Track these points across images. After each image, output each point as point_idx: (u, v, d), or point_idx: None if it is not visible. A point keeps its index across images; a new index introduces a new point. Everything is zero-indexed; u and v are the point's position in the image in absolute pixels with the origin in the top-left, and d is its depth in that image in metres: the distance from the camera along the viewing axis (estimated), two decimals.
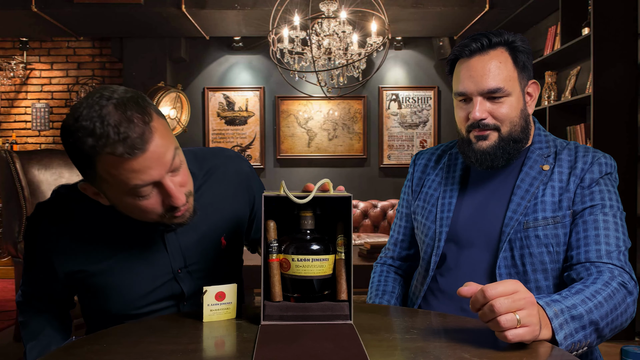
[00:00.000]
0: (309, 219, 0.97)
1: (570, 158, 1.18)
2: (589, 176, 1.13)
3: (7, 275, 4.83)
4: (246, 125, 5.46)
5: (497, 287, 0.81)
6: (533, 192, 1.15)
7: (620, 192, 1.17)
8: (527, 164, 1.19)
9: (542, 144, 1.21)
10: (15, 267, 2.94)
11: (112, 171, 0.89)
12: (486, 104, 1.15)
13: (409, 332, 0.90)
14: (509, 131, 1.16)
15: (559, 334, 0.88)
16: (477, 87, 1.14)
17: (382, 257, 1.44)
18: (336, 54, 3.69)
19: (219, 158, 1.20)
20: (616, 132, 3.16)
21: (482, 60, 1.14)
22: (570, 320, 0.91)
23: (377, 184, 5.44)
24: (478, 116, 1.14)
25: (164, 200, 0.95)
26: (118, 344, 0.86)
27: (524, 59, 1.17)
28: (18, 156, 2.88)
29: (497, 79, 1.13)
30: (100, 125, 0.86)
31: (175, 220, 1.01)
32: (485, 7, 4.29)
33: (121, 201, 0.95)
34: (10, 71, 5.44)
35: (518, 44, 1.16)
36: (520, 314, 0.80)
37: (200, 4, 4.30)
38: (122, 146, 0.86)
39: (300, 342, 0.83)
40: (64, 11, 4.32)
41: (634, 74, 3.17)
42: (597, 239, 1.07)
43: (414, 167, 1.40)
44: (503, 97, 1.14)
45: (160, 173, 0.92)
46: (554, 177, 1.16)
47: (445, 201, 1.26)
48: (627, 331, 3.07)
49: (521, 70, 1.17)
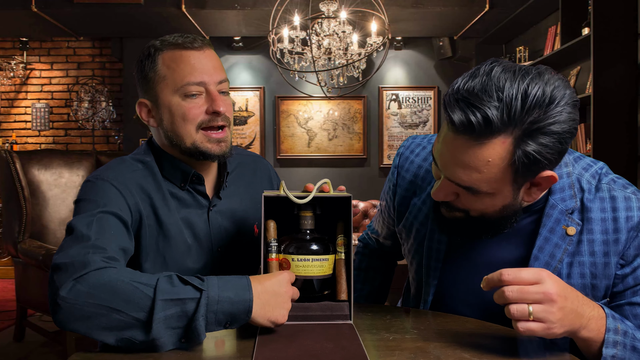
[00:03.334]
0: (309, 219, 0.97)
1: (605, 216, 0.88)
2: (633, 252, 0.87)
3: (7, 275, 4.83)
4: (246, 125, 5.46)
5: (519, 273, 0.74)
6: (555, 266, 0.90)
7: None
8: (547, 224, 0.90)
9: (565, 192, 0.90)
10: (15, 267, 2.94)
11: (172, 64, 1.04)
12: (454, 189, 0.86)
13: (409, 332, 0.90)
14: (479, 218, 0.89)
15: (608, 348, 0.79)
16: (446, 171, 0.85)
17: (365, 238, 1.34)
18: (336, 54, 3.69)
19: (249, 155, 1.29)
20: (616, 132, 3.15)
21: (466, 149, 0.79)
22: (630, 349, 0.80)
23: (377, 184, 5.44)
24: (438, 197, 0.88)
25: (207, 108, 1.05)
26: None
27: (538, 149, 0.77)
28: (18, 156, 2.88)
29: (473, 179, 0.81)
30: (169, 36, 1.07)
31: (210, 145, 1.06)
32: (485, 7, 4.29)
33: (170, 104, 1.05)
34: (10, 71, 5.44)
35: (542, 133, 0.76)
36: (535, 307, 0.73)
37: (200, 4, 4.30)
38: (182, 39, 1.05)
39: (300, 342, 0.83)
40: (64, 11, 4.32)
41: (634, 74, 3.17)
42: None
43: (397, 179, 1.11)
44: (479, 193, 0.83)
45: (210, 78, 1.05)
46: (582, 248, 0.89)
47: (433, 246, 1.01)
48: None
49: (524, 167, 0.79)
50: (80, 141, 5.60)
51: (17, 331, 3.00)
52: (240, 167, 1.23)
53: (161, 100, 1.06)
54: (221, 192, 1.15)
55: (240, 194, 1.19)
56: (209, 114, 1.05)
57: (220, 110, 1.04)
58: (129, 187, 1.03)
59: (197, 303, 0.79)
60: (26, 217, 2.82)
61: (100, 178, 1.03)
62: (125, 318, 0.78)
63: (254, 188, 1.23)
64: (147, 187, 1.07)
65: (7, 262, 4.86)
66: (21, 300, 2.92)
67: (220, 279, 0.84)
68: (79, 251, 0.86)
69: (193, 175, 1.10)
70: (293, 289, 0.89)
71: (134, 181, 1.05)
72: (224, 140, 1.07)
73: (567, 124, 0.77)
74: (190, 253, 1.10)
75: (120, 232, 0.97)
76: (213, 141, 1.06)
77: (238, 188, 1.20)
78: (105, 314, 0.78)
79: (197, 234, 1.11)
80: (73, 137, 5.60)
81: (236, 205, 1.17)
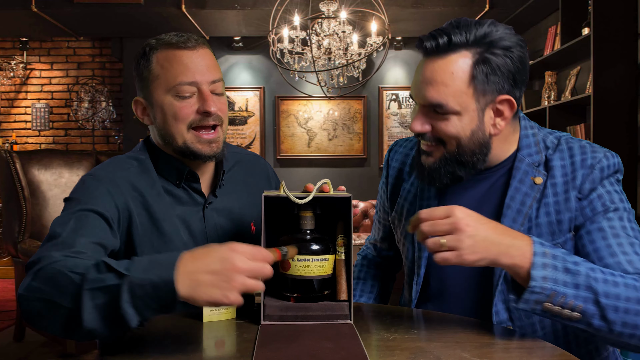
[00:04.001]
0: (309, 219, 0.97)
1: (564, 163, 1.00)
2: (588, 185, 0.98)
3: (7, 275, 4.83)
4: (246, 125, 5.46)
5: (432, 210, 0.84)
6: (526, 212, 0.99)
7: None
8: (516, 176, 1.01)
9: (532, 148, 1.03)
10: (15, 267, 2.94)
11: (165, 64, 1.04)
12: (428, 116, 0.99)
13: (409, 332, 0.90)
14: (454, 151, 0.99)
15: (537, 270, 0.82)
16: (419, 96, 0.98)
17: (364, 250, 1.38)
18: (336, 54, 3.69)
19: (248, 154, 1.31)
20: (616, 132, 3.15)
21: (434, 66, 0.95)
22: (562, 270, 0.83)
23: (377, 184, 5.44)
24: (417, 129, 0.99)
25: (199, 107, 1.05)
26: (118, 344, 0.86)
27: (493, 66, 0.94)
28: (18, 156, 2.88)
29: (442, 93, 0.94)
30: (165, 35, 1.07)
31: (201, 146, 1.06)
32: (485, 7, 4.29)
33: (163, 103, 1.05)
34: (10, 71, 5.44)
35: (495, 44, 0.94)
36: (447, 237, 0.82)
37: (200, 4, 4.30)
38: (177, 39, 1.04)
39: (300, 342, 0.83)
40: (64, 11, 4.32)
41: (634, 74, 3.17)
42: (611, 249, 0.92)
43: (388, 170, 1.24)
44: (448, 114, 0.96)
45: (203, 78, 1.04)
46: (547, 191, 0.99)
47: None
48: None
49: (483, 82, 0.94)
50: (80, 141, 5.59)
51: (17, 331, 3.00)
52: (238, 166, 1.24)
53: (155, 99, 1.07)
54: (217, 190, 1.16)
55: (237, 193, 1.20)
56: (200, 113, 1.05)
57: (211, 110, 1.04)
58: (119, 185, 1.04)
59: (119, 290, 0.74)
60: (26, 217, 2.82)
61: (91, 176, 1.05)
62: (63, 311, 0.76)
63: (251, 187, 1.23)
64: (139, 184, 1.07)
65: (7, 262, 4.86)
66: None
67: (151, 260, 0.78)
68: (44, 249, 0.86)
69: (188, 173, 1.11)
70: (247, 264, 0.76)
71: (125, 179, 1.06)
72: (215, 141, 1.08)
73: (515, 48, 0.95)
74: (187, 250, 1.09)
75: (98, 228, 0.95)
76: (204, 142, 1.07)
77: (235, 186, 1.20)
78: (51, 308, 0.77)
79: (193, 231, 1.11)
80: (73, 137, 5.60)
81: (233, 203, 1.18)
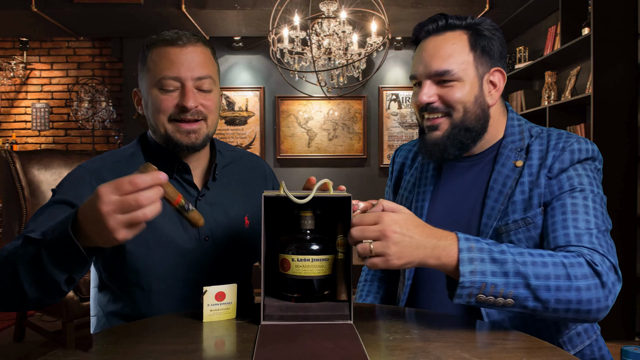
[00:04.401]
0: (309, 219, 0.97)
1: (541, 148, 1.07)
2: (558, 165, 1.04)
3: None
4: (246, 125, 5.46)
5: (363, 216, 0.87)
6: (507, 192, 1.06)
7: (620, 192, 1.13)
8: (500, 160, 1.10)
9: (515, 136, 1.11)
10: None
11: (155, 59, 1.09)
12: (434, 88, 1.08)
13: (409, 332, 0.90)
14: (461, 118, 1.07)
15: (464, 265, 0.86)
16: (425, 69, 1.08)
17: None
18: (336, 54, 3.69)
19: (246, 153, 1.35)
20: (616, 132, 3.15)
21: (436, 41, 1.08)
22: (489, 261, 0.87)
23: (377, 184, 5.44)
24: (424, 100, 1.07)
25: (178, 101, 1.09)
26: (118, 344, 0.86)
27: (484, 43, 1.08)
28: (18, 156, 2.88)
29: (447, 61, 1.05)
30: (167, 32, 1.11)
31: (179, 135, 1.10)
32: (485, 7, 4.29)
33: (150, 95, 1.11)
34: (10, 71, 5.44)
35: (482, 27, 1.08)
36: (374, 244, 0.85)
37: (200, 4, 4.30)
38: (171, 36, 1.10)
39: (300, 342, 0.83)
40: (64, 11, 4.32)
41: (634, 74, 3.17)
42: (565, 223, 0.98)
43: (393, 166, 1.34)
44: (453, 81, 1.06)
45: (186, 74, 1.08)
46: (524, 172, 1.06)
47: (418, 205, 1.18)
48: (627, 331, 3.07)
49: (480, 55, 1.08)
50: (80, 141, 5.60)
51: (17, 331, 3.00)
52: (235, 163, 1.27)
53: (145, 90, 1.13)
54: (210, 183, 1.19)
55: (232, 188, 1.23)
56: (179, 107, 1.10)
57: (188, 105, 1.08)
58: (103, 176, 1.10)
59: (40, 255, 0.81)
60: (26, 217, 2.82)
61: (80, 167, 1.13)
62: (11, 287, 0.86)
63: (247, 184, 1.27)
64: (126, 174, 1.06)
65: None
66: None
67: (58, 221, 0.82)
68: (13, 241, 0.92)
69: (179, 164, 1.15)
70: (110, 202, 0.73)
71: (112, 170, 1.12)
72: (195, 132, 1.11)
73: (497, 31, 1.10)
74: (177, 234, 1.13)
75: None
76: (182, 132, 1.11)
77: (230, 182, 1.24)
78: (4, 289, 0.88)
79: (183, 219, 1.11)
80: (73, 137, 5.60)
81: (226, 198, 1.21)
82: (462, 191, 1.13)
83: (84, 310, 2.42)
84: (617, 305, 3.49)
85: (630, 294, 3.09)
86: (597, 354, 1.08)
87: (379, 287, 1.35)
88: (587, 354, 1.07)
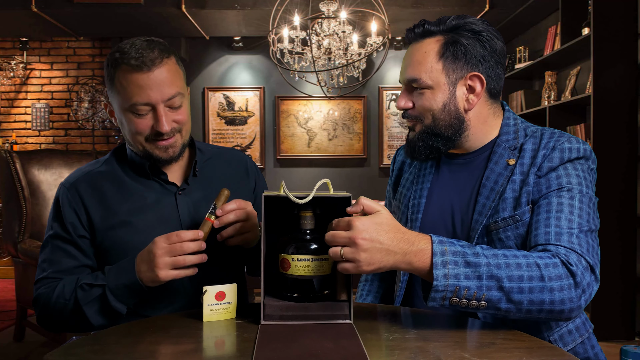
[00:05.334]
0: (309, 219, 0.97)
1: (534, 147, 1.09)
2: (547, 164, 1.05)
3: (7, 275, 4.83)
4: (246, 125, 5.46)
5: (338, 221, 0.90)
6: (498, 190, 1.07)
7: (620, 192, 1.12)
8: (493, 158, 1.11)
9: (510, 135, 1.13)
10: (15, 267, 2.94)
11: (123, 82, 1.11)
12: (410, 94, 1.12)
13: (408, 332, 0.90)
14: (430, 124, 1.11)
15: (437, 269, 0.87)
16: (402, 76, 1.13)
17: None
18: (336, 54, 3.69)
19: (227, 149, 1.39)
20: (616, 132, 3.15)
21: (413, 48, 1.12)
22: (462, 264, 0.88)
23: (377, 184, 5.44)
24: (400, 105, 1.13)
25: (153, 125, 1.13)
26: (118, 344, 0.86)
27: (457, 49, 1.07)
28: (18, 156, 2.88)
29: (416, 69, 1.09)
30: (129, 47, 1.11)
31: (158, 152, 1.16)
32: (485, 7, 4.29)
33: (123, 117, 1.15)
34: (10, 71, 5.44)
35: (461, 31, 1.08)
36: (345, 249, 0.87)
37: (200, 4, 4.30)
38: (135, 60, 1.09)
39: (300, 342, 0.83)
40: (64, 11, 4.32)
41: (634, 74, 3.17)
42: (547, 221, 0.99)
43: (394, 165, 1.37)
44: (422, 88, 1.09)
45: (157, 98, 1.11)
46: (515, 170, 1.08)
47: (415, 201, 1.21)
48: (627, 331, 3.07)
49: (452, 62, 1.08)
50: (80, 141, 5.60)
51: (17, 331, 3.00)
52: (214, 158, 1.31)
53: (118, 111, 1.17)
54: (191, 179, 1.24)
55: (213, 183, 1.27)
56: (154, 130, 1.14)
57: (163, 130, 1.13)
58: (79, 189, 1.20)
59: (105, 296, 1.06)
60: (26, 217, 2.82)
61: (60, 184, 1.23)
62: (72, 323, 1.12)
63: (228, 176, 1.31)
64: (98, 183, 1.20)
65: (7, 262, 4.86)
66: (21, 300, 2.92)
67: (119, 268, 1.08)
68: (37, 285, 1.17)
69: (150, 168, 1.20)
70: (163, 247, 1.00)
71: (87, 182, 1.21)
72: (172, 146, 1.17)
73: (485, 33, 1.08)
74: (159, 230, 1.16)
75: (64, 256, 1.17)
76: (161, 148, 1.16)
77: (211, 176, 1.28)
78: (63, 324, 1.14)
79: (165, 216, 1.19)
80: (73, 137, 5.60)
81: (207, 191, 1.25)
82: (457, 188, 1.16)
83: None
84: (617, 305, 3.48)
85: (630, 294, 3.09)
86: (590, 352, 1.08)
87: (379, 287, 1.35)
88: (580, 352, 1.07)
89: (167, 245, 1.00)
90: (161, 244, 1.00)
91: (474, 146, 1.15)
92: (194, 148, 1.29)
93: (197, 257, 1.02)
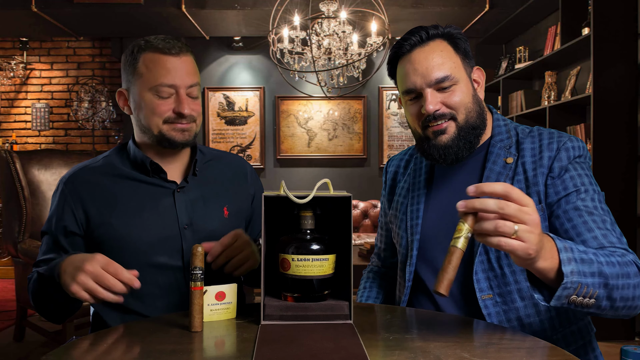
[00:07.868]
0: (309, 219, 0.97)
1: (534, 146, 1.11)
2: (557, 165, 1.06)
3: (7, 275, 4.83)
4: (246, 125, 5.46)
5: (513, 190, 0.78)
6: None
7: (620, 192, 1.14)
8: (490, 158, 1.13)
9: (503, 135, 1.16)
10: (15, 267, 2.94)
11: (149, 65, 1.16)
12: (437, 95, 1.11)
13: (408, 331, 0.90)
14: (465, 118, 1.11)
15: (565, 266, 0.83)
16: (425, 79, 1.10)
17: (370, 265, 1.45)
18: (336, 54, 3.69)
19: (228, 154, 1.42)
20: (616, 132, 3.15)
21: (424, 52, 1.11)
22: (579, 261, 0.85)
23: (377, 184, 5.44)
24: (432, 109, 1.10)
25: (175, 107, 1.18)
26: (118, 344, 0.86)
27: (463, 45, 1.14)
28: (18, 156, 2.88)
29: (443, 68, 1.09)
30: (153, 38, 1.19)
31: (174, 133, 1.19)
32: (485, 7, 4.29)
33: (144, 98, 1.18)
34: (10, 71, 5.44)
35: (454, 32, 1.14)
36: (521, 227, 0.77)
37: (200, 4, 4.30)
38: (163, 44, 1.17)
39: (300, 342, 0.83)
40: (64, 11, 4.32)
41: (634, 74, 3.17)
42: (587, 225, 1.00)
43: (386, 176, 1.36)
44: (452, 85, 1.10)
45: (182, 82, 1.17)
46: (518, 169, 1.09)
47: (414, 208, 1.20)
48: (627, 331, 3.07)
49: (464, 57, 1.14)
50: (80, 141, 5.60)
51: (17, 331, 3.00)
52: (215, 161, 1.34)
53: (137, 93, 1.19)
54: (190, 178, 1.25)
55: (211, 182, 1.29)
56: (175, 113, 1.18)
57: (185, 112, 1.17)
58: (75, 184, 1.22)
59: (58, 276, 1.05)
60: (26, 217, 2.82)
61: (60, 182, 1.25)
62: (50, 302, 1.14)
63: (227, 179, 1.33)
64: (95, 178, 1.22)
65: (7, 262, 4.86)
66: (21, 300, 2.92)
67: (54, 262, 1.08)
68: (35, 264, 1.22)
69: (150, 165, 1.21)
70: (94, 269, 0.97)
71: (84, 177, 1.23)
72: (188, 130, 1.21)
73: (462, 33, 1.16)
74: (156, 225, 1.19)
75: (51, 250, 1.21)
76: (178, 130, 1.19)
77: (210, 177, 1.30)
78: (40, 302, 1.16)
79: (162, 212, 1.20)
80: (73, 137, 5.60)
81: (205, 191, 1.27)
82: (455, 192, 1.15)
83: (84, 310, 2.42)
84: None
85: None
86: (590, 355, 1.09)
87: (378, 293, 1.35)
88: (581, 354, 1.07)
89: (99, 270, 0.97)
90: (96, 265, 0.97)
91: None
92: (195, 149, 1.31)
93: (115, 297, 0.98)
